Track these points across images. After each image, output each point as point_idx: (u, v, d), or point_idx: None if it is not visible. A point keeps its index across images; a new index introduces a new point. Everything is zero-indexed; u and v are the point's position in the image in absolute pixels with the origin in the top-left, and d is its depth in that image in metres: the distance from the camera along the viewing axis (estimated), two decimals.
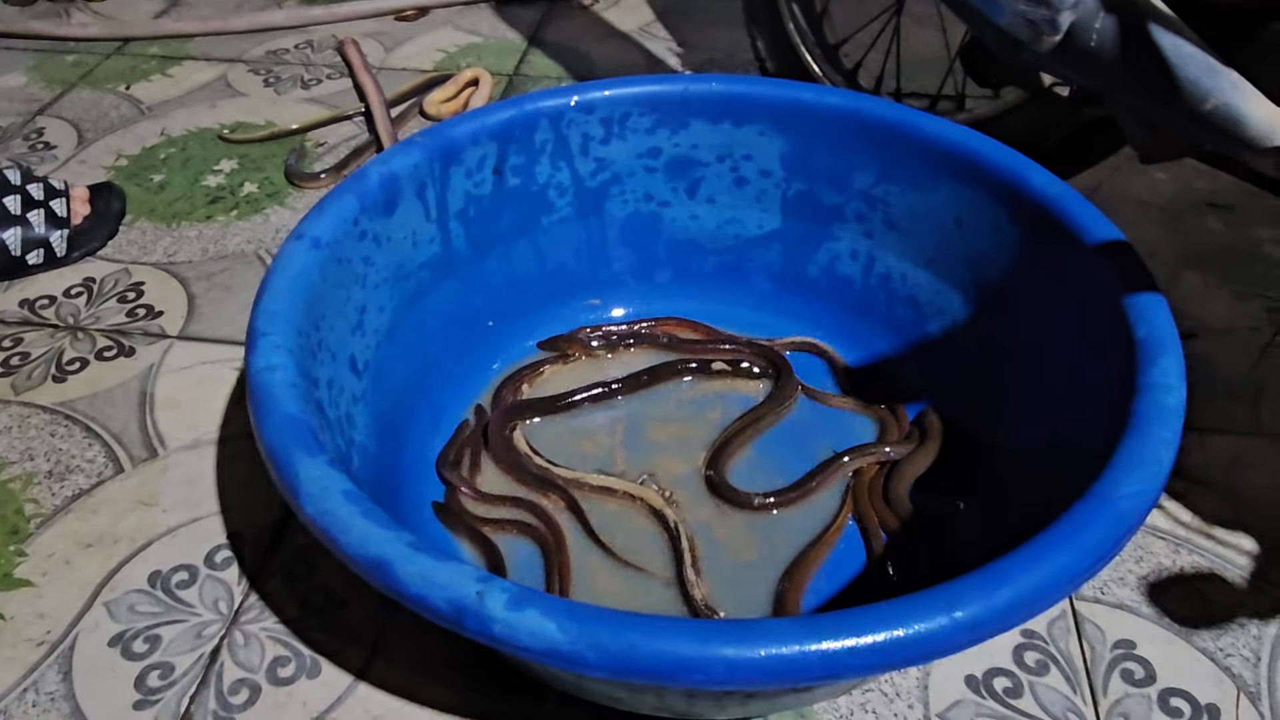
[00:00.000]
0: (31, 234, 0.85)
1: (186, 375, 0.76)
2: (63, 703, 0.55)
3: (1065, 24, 0.58)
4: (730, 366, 0.72)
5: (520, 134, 0.71)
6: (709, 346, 0.74)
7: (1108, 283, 0.55)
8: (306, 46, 1.25)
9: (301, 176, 0.99)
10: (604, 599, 0.59)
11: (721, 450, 0.67)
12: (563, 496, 0.64)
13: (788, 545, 0.62)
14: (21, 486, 0.67)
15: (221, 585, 0.61)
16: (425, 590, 0.41)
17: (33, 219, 0.86)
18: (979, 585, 0.40)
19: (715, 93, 0.72)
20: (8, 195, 0.86)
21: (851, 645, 0.38)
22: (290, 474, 0.45)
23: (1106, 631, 0.58)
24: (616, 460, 0.67)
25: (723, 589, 0.59)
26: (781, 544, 0.62)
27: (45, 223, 0.86)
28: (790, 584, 0.59)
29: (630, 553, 0.61)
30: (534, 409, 0.70)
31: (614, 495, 0.64)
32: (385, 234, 0.65)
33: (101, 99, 1.14)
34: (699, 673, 0.38)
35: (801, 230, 0.75)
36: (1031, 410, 0.61)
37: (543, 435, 0.69)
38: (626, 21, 1.29)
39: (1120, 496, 0.43)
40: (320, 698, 0.55)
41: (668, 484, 0.65)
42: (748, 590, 0.59)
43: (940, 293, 0.69)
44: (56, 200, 0.88)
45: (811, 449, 0.67)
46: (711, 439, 0.68)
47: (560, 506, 0.64)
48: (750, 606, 0.58)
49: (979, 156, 0.65)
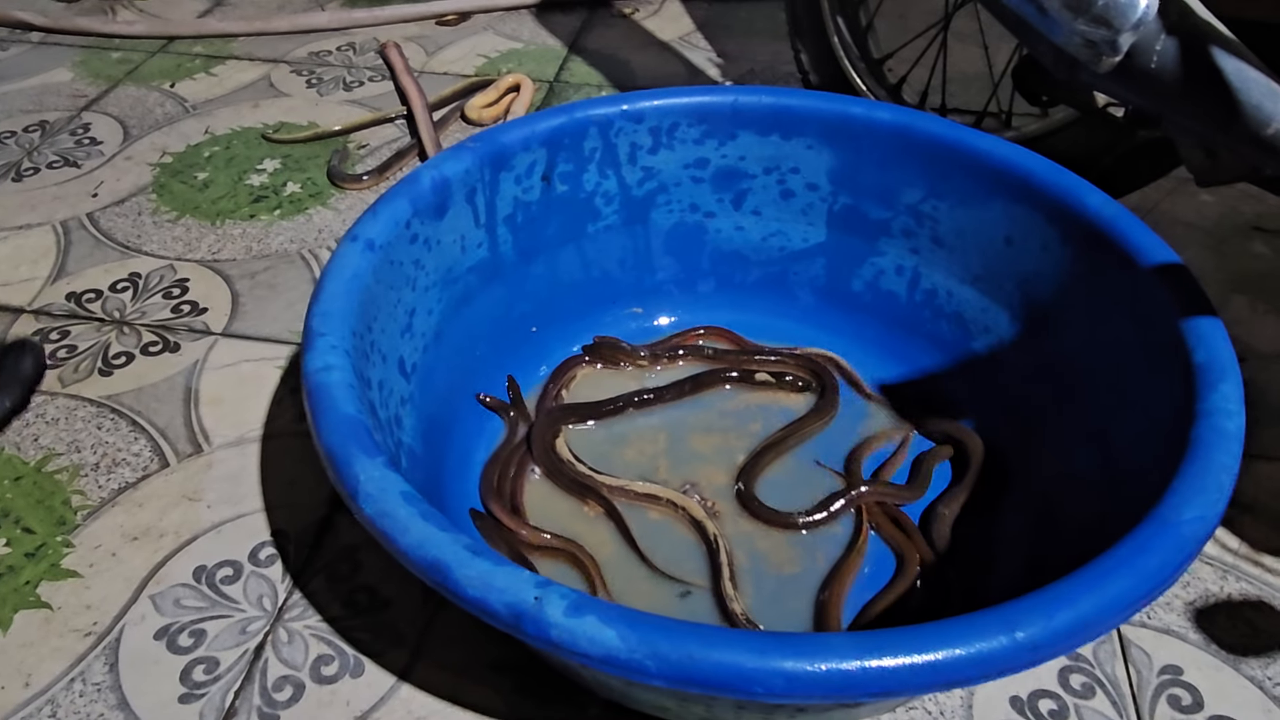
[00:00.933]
0: None
1: (230, 372, 0.77)
2: (109, 693, 0.55)
3: (1126, 45, 0.58)
4: (774, 378, 0.72)
5: (570, 141, 0.71)
6: (754, 358, 0.74)
7: (1164, 306, 0.54)
8: (349, 49, 1.26)
9: (344, 178, 0.99)
10: (640, 608, 0.59)
11: (754, 464, 0.67)
12: (601, 503, 0.64)
13: (830, 560, 0.61)
14: (69, 478, 0.68)
15: (265, 582, 0.61)
16: (483, 594, 0.41)
17: None
18: (1039, 606, 0.40)
19: (765, 105, 0.72)
20: None
21: (911, 663, 0.38)
22: (349, 474, 0.46)
23: (1153, 656, 0.57)
24: (659, 469, 0.67)
25: (764, 603, 0.59)
26: (824, 558, 0.62)
27: None
28: (830, 594, 0.59)
29: (671, 563, 0.61)
30: (578, 413, 0.70)
31: (658, 503, 0.64)
32: (436, 238, 0.65)
33: (146, 96, 1.16)
34: (758, 685, 0.38)
35: (847, 244, 0.75)
36: (1080, 431, 0.60)
37: (585, 441, 0.69)
38: (666, 31, 1.29)
39: (1181, 522, 0.43)
40: (363, 697, 0.55)
41: (709, 495, 0.65)
42: (789, 604, 0.59)
43: (987, 310, 0.69)
44: None
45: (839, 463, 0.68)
46: (752, 451, 0.68)
47: (599, 514, 0.64)
48: (792, 621, 0.58)
49: (1031, 175, 0.65)
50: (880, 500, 0.64)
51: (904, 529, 0.63)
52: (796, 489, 0.66)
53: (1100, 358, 0.60)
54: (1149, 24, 0.57)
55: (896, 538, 0.62)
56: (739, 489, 0.65)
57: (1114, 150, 0.79)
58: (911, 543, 0.62)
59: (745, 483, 0.65)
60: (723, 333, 0.77)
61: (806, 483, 0.66)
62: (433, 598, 0.60)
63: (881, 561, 0.62)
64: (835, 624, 0.58)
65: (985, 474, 0.66)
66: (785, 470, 0.67)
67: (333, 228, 0.93)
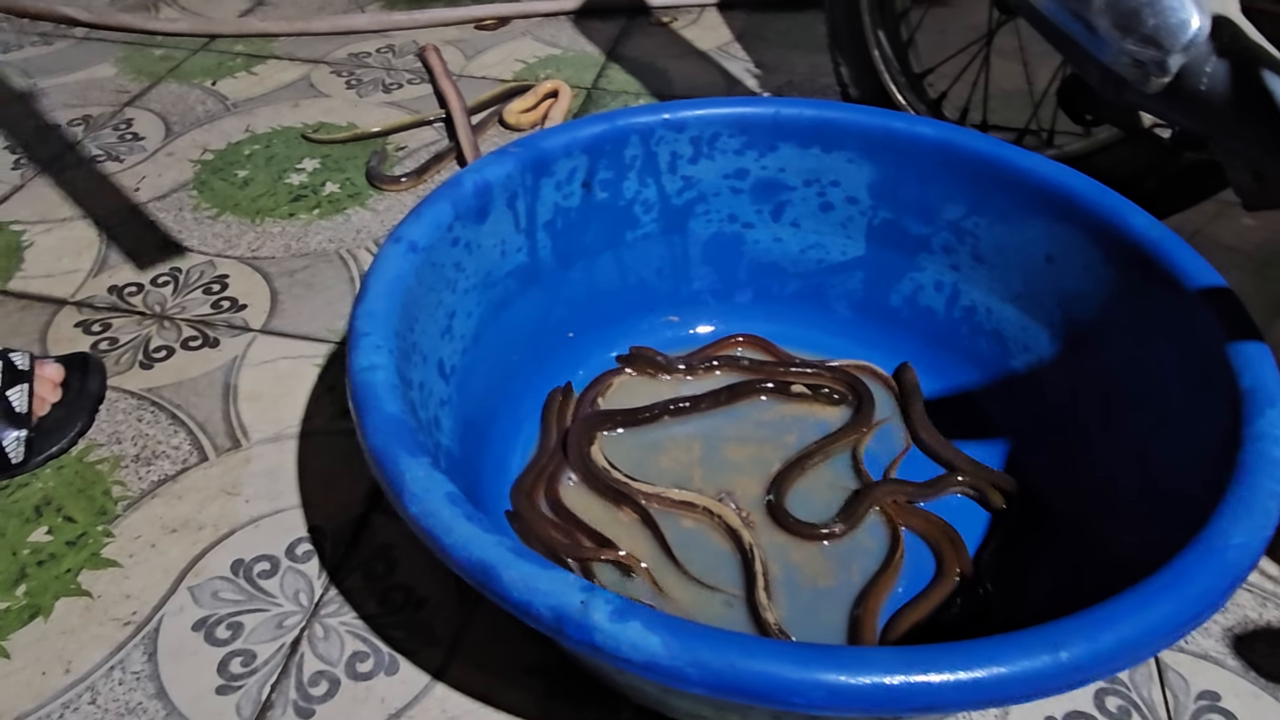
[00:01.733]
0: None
1: (268, 369, 0.78)
2: (148, 683, 0.56)
3: (1176, 66, 0.58)
4: (811, 390, 0.72)
5: (611, 149, 0.71)
6: (791, 370, 0.74)
7: (1210, 330, 0.54)
8: (388, 51, 1.27)
9: (382, 179, 1.00)
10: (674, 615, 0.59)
11: (785, 475, 0.67)
12: (636, 510, 0.65)
13: (864, 572, 0.61)
14: (110, 469, 0.69)
15: (302, 577, 0.62)
16: (528, 596, 0.41)
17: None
18: (1084, 627, 0.40)
19: (807, 118, 0.72)
20: None
21: (955, 679, 0.38)
22: (395, 474, 0.46)
23: (1190, 681, 0.57)
24: (694, 477, 0.67)
25: (798, 615, 0.59)
26: (860, 572, 0.62)
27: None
28: (865, 610, 0.59)
29: (705, 572, 0.61)
30: (614, 420, 0.70)
31: (693, 510, 0.65)
32: (477, 241, 0.66)
33: (188, 93, 1.17)
34: (799, 696, 0.38)
35: (886, 259, 0.75)
36: (1120, 452, 0.60)
37: (621, 447, 0.69)
38: (705, 40, 1.30)
39: (1228, 547, 0.43)
40: (398, 695, 0.56)
41: (744, 505, 0.65)
42: (824, 617, 0.59)
43: (1027, 329, 0.69)
44: (16, 389, 0.68)
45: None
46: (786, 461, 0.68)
47: (634, 520, 0.64)
48: (826, 634, 0.58)
49: (1075, 194, 0.64)
50: (894, 497, 0.65)
51: (945, 531, 0.63)
52: (833, 503, 0.66)
53: (1142, 379, 0.60)
54: (1200, 45, 0.57)
55: (933, 534, 0.63)
56: (769, 500, 0.65)
57: (1158, 171, 0.79)
58: (954, 549, 0.62)
59: (776, 494, 0.65)
60: (759, 342, 0.77)
61: (841, 498, 0.66)
62: (468, 598, 0.60)
63: (917, 575, 0.61)
64: (870, 639, 0.58)
65: (1023, 493, 0.65)
66: (819, 482, 0.67)
67: (370, 228, 0.94)
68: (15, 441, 0.67)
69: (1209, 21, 0.57)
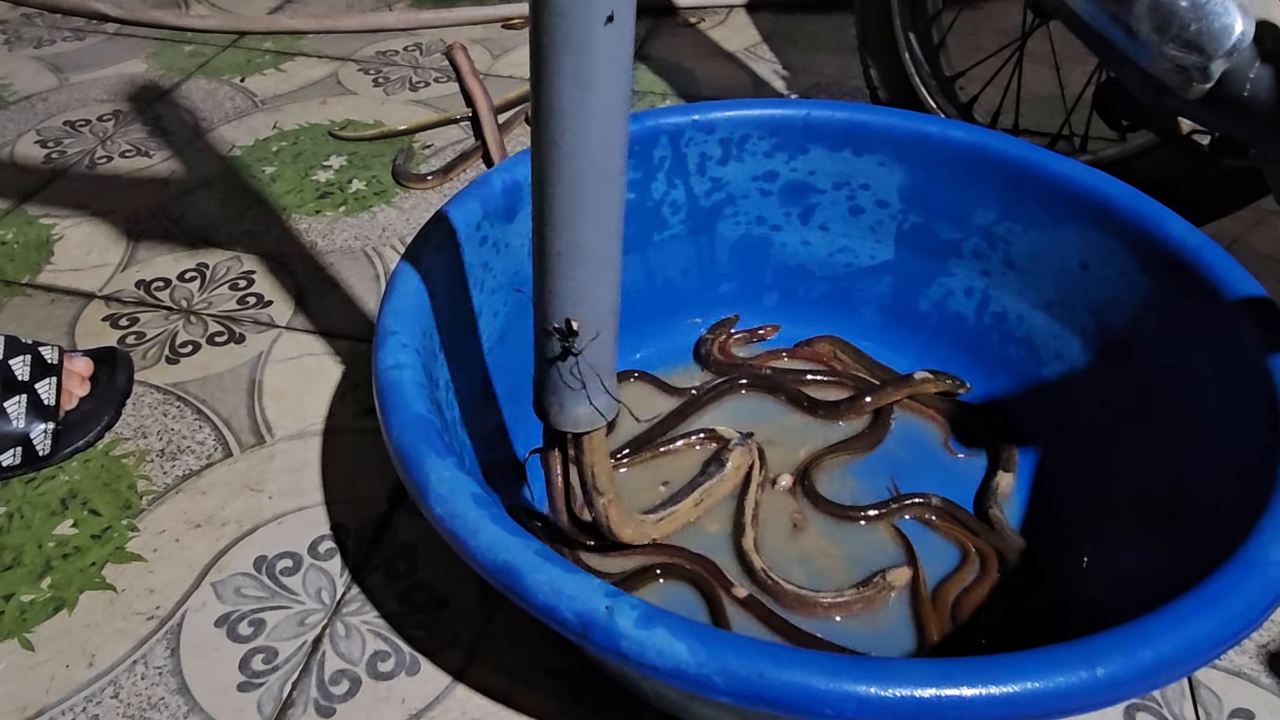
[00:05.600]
0: (7, 429, 0.66)
1: (293, 366, 0.78)
2: (170, 678, 0.56)
3: (1218, 72, 0.57)
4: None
5: (639, 149, 0.71)
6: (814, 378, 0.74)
7: (1249, 340, 0.53)
8: (415, 49, 1.27)
9: (408, 177, 1.00)
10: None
11: (812, 464, 0.67)
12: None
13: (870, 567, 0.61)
14: (135, 463, 0.69)
15: (324, 575, 0.62)
16: (553, 600, 0.41)
17: (10, 409, 0.66)
18: (1121, 643, 0.39)
19: (838, 120, 0.72)
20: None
21: (988, 694, 0.38)
22: (420, 474, 0.46)
23: (1224, 699, 0.56)
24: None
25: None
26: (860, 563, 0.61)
27: (26, 413, 0.67)
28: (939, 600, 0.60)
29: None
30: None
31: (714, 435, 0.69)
32: (504, 240, 0.66)
33: (217, 89, 1.18)
34: (829, 707, 0.38)
35: (915, 264, 0.74)
36: (1151, 464, 0.59)
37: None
38: (732, 42, 1.29)
39: (1270, 563, 0.42)
40: (419, 695, 0.55)
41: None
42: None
43: (1058, 337, 0.68)
44: (45, 382, 0.69)
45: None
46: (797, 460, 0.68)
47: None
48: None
49: (1110, 201, 0.63)
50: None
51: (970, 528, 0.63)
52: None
53: (1177, 389, 0.59)
54: (1243, 51, 0.56)
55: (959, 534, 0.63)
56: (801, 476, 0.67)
57: (1196, 178, 0.78)
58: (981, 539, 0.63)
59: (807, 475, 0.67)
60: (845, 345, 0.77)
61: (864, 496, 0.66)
62: (490, 599, 0.60)
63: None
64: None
65: (1050, 503, 0.65)
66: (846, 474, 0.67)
67: (396, 226, 0.94)
68: (43, 434, 0.67)
69: (1253, 27, 0.55)
